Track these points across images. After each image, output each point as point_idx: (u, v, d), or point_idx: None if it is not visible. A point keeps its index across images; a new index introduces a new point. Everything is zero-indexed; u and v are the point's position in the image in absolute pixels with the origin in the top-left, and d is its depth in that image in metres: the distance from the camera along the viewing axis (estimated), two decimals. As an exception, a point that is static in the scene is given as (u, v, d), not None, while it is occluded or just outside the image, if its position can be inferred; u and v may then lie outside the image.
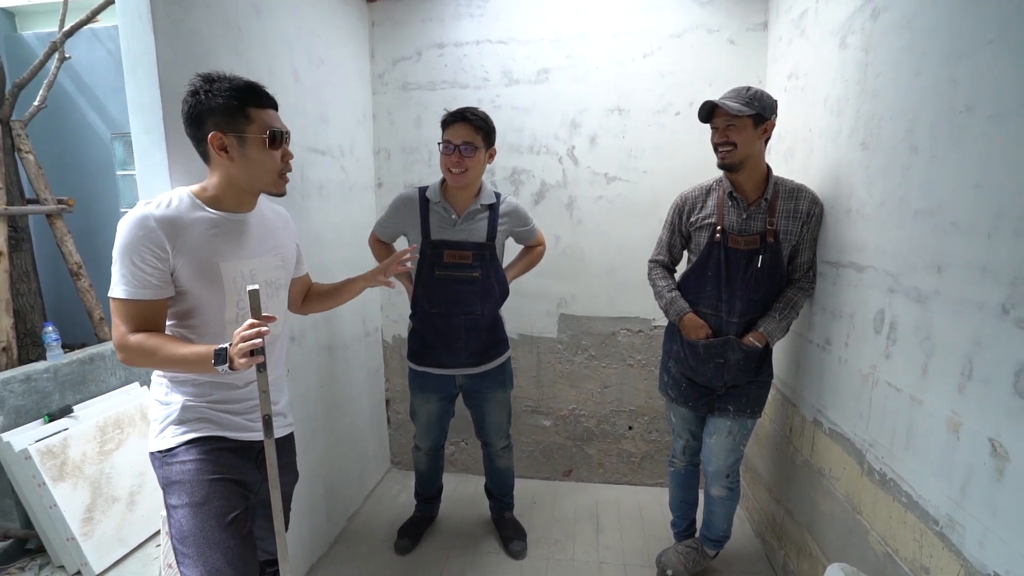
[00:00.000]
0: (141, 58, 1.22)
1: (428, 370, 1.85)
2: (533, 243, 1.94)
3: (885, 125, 1.25)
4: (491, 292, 1.78)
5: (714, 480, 1.69)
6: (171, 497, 1.07)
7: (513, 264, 1.95)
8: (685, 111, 2.24)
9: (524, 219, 1.86)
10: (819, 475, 1.55)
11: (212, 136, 1.05)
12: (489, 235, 1.75)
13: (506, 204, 1.81)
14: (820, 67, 1.64)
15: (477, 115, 1.67)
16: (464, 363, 1.81)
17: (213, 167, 1.11)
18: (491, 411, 1.93)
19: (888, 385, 1.21)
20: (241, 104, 1.07)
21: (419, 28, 2.38)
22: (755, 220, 1.57)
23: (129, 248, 1.01)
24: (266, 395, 1.02)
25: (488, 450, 2.04)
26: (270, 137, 1.09)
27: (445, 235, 1.76)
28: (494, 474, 2.09)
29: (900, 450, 1.15)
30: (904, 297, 1.16)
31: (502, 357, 1.88)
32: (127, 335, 1.02)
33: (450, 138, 1.66)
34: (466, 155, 1.65)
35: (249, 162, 1.09)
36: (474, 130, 1.65)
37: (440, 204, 1.76)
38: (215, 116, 1.05)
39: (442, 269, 1.76)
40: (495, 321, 1.84)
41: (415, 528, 2.13)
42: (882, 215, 1.25)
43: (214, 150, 1.07)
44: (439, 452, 2.09)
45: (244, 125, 1.07)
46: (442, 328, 1.79)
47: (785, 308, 1.58)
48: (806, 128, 1.74)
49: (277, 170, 1.14)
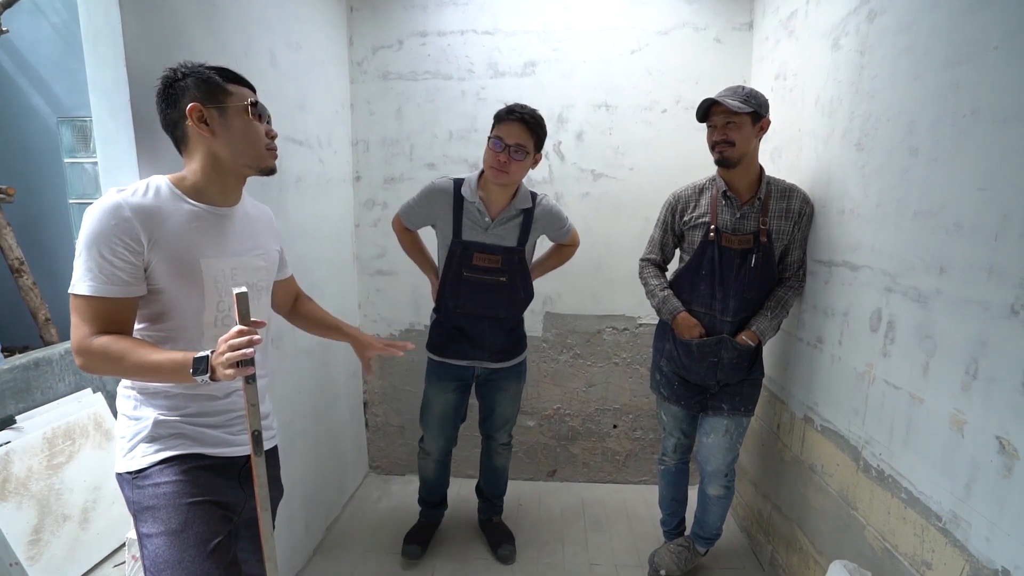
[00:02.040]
0: (104, 33, 1.09)
1: (448, 360, 1.83)
2: (566, 241, 1.87)
3: (882, 127, 1.27)
4: (516, 297, 1.77)
5: (712, 479, 1.69)
6: (144, 525, 0.97)
7: (540, 262, 1.91)
8: (672, 108, 2.24)
9: (559, 220, 1.80)
10: (810, 471, 1.57)
11: (191, 107, 0.96)
12: (520, 239, 1.72)
13: (541, 208, 1.75)
14: (810, 68, 1.66)
15: (536, 118, 1.60)
16: (486, 359, 1.81)
17: (192, 149, 1.01)
18: (501, 401, 1.90)
19: (886, 383, 1.23)
20: (220, 78, 1.00)
21: (401, 15, 2.28)
22: (748, 219, 1.57)
23: (98, 239, 0.90)
24: (255, 408, 0.92)
25: (489, 443, 2.00)
26: (251, 105, 1.02)
27: (476, 237, 1.69)
28: (489, 472, 2.04)
29: (899, 447, 1.17)
30: (903, 297, 1.17)
31: (522, 355, 1.88)
32: (89, 337, 0.91)
33: (503, 136, 1.57)
34: (515, 157, 1.57)
35: (232, 133, 1.00)
36: (529, 133, 1.58)
37: (475, 204, 1.67)
38: (194, 91, 0.98)
39: (470, 271, 1.70)
40: (520, 325, 1.86)
41: (423, 533, 2.06)
42: (878, 216, 1.27)
43: (194, 123, 0.97)
44: (447, 458, 2.01)
45: (223, 96, 1.00)
46: (466, 328, 1.77)
47: (776, 307, 1.60)
48: (795, 128, 1.76)
49: (263, 142, 1.05)
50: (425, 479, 2.04)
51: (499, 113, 1.61)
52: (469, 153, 2.34)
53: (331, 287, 2.24)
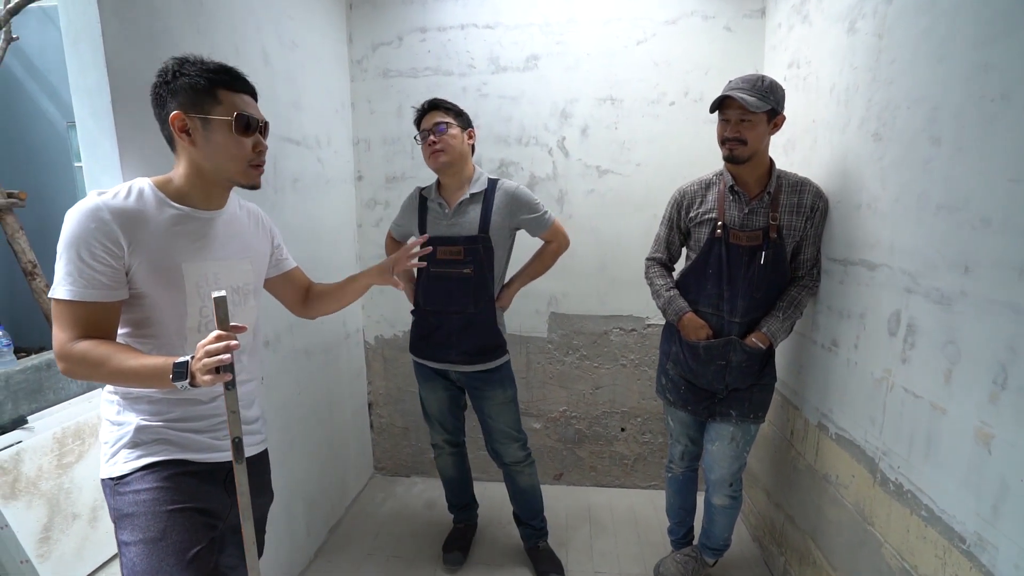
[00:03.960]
0: (83, 33, 1.07)
1: (424, 362, 1.79)
2: (547, 236, 1.73)
3: (901, 115, 1.18)
4: (485, 289, 1.66)
5: (716, 489, 1.62)
6: (123, 532, 0.95)
7: (522, 270, 1.79)
8: (680, 101, 2.15)
9: (528, 205, 1.67)
10: (824, 481, 1.49)
11: (173, 116, 0.94)
12: (482, 227, 1.63)
13: (502, 190, 1.67)
14: (825, 55, 1.56)
15: (444, 102, 1.64)
16: (456, 360, 1.71)
17: (178, 154, 1.00)
18: (492, 413, 1.77)
19: (905, 391, 1.14)
20: (210, 84, 0.96)
21: (400, 11, 2.24)
22: (757, 215, 1.49)
23: (77, 242, 0.88)
24: (235, 415, 0.89)
25: (505, 468, 1.85)
26: (236, 120, 0.97)
27: (438, 231, 1.66)
28: (516, 495, 1.88)
29: (919, 460, 1.09)
30: (923, 298, 1.09)
31: (498, 360, 1.73)
32: (70, 343, 0.89)
33: (424, 127, 1.62)
34: (440, 133, 1.58)
35: (213, 147, 0.97)
36: (444, 112, 1.61)
37: (435, 200, 1.68)
38: (179, 96, 0.94)
39: (436, 266, 1.66)
40: (492, 323, 1.70)
41: (461, 539, 2.00)
42: (897, 210, 1.18)
43: (176, 132, 0.95)
44: (460, 450, 1.95)
45: (210, 106, 0.96)
46: (436, 325, 1.71)
47: (789, 307, 1.51)
48: (808, 119, 1.66)
49: (246, 159, 1.01)
50: (445, 477, 2.00)
51: (415, 119, 1.67)
52: (471, 150, 2.29)
53: (333, 288, 2.22)
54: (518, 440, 1.81)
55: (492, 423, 1.79)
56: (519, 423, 1.82)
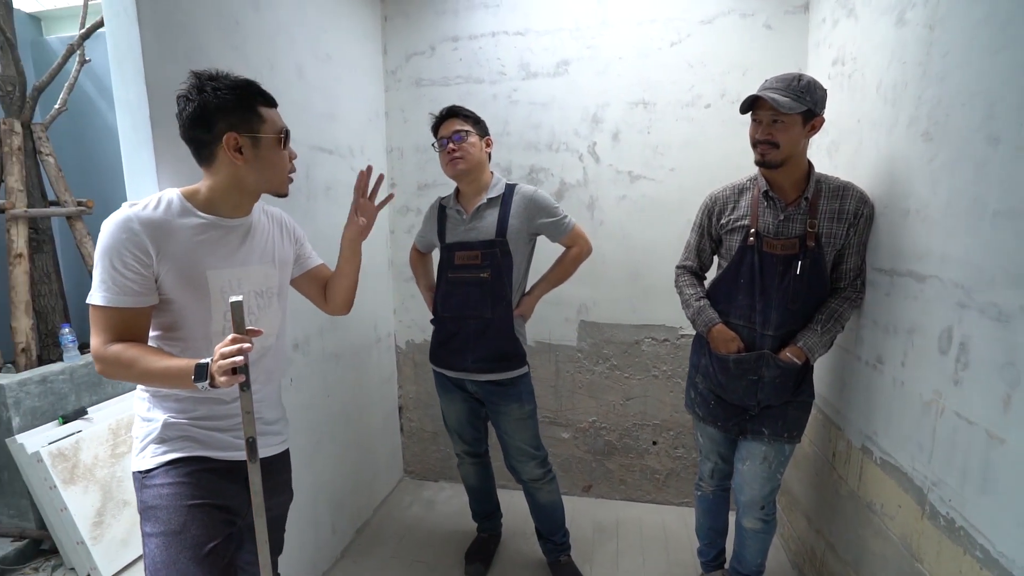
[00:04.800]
0: (127, 53, 1.15)
1: (441, 371, 1.78)
2: (567, 241, 1.70)
3: (954, 112, 1.07)
4: (503, 294, 1.64)
5: (747, 511, 1.52)
6: (146, 524, 1.00)
7: (543, 277, 1.77)
8: (716, 103, 2.07)
9: (546, 209, 1.65)
10: (868, 510, 1.37)
11: (228, 137, 0.99)
12: (499, 231, 1.62)
13: (519, 194, 1.66)
14: (871, 50, 1.46)
15: (462, 109, 1.65)
16: (470, 368, 1.68)
17: (216, 169, 1.03)
18: (509, 429, 1.73)
19: (957, 416, 1.03)
20: (253, 103, 1.02)
21: (432, 21, 2.28)
22: (794, 222, 1.40)
23: (110, 251, 0.94)
24: (250, 416, 0.93)
25: (524, 485, 1.82)
26: (284, 137, 1.06)
27: (456, 236, 1.68)
28: (537, 511, 1.85)
29: (973, 494, 0.98)
30: (978, 314, 0.98)
31: (515, 371, 1.69)
32: (105, 345, 0.96)
33: (442, 134, 1.63)
34: (459, 141, 1.59)
35: (262, 163, 1.04)
36: (462, 119, 1.62)
37: (453, 207, 1.70)
38: (229, 116, 0.99)
39: (454, 271, 1.67)
40: (510, 330, 1.67)
41: (484, 550, 1.99)
42: (949, 217, 1.08)
43: (229, 152, 1.00)
44: (482, 460, 1.94)
45: (258, 125, 1.03)
46: (453, 331, 1.70)
47: (828, 320, 1.41)
48: (854, 119, 1.55)
49: (287, 170, 1.11)
50: (467, 485, 2.00)
51: (432, 126, 1.68)
52: (500, 157, 2.30)
53: (366, 293, 2.27)
54: (535, 458, 1.77)
55: (508, 439, 1.76)
56: (537, 440, 1.78)
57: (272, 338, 1.18)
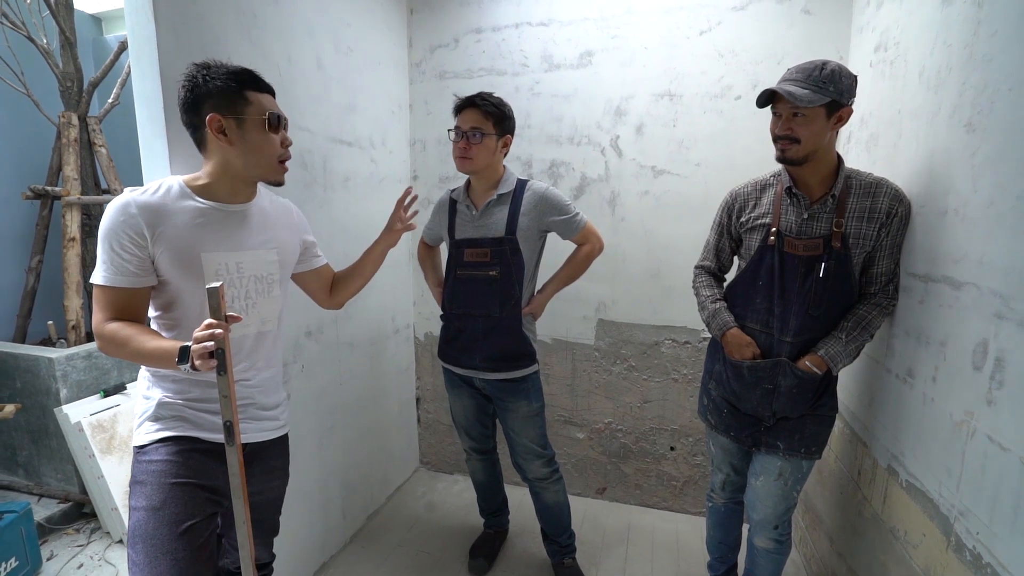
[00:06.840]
0: (144, 46, 1.20)
1: (450, 367, 1.77)
2: (579, 239, 1.66)
3: (1000, 99, 0.96)
4: (512, 293, 1.61)
5: (759, 530, 1.43)
6: (133, 497, 1.04)
7: (555, 275, 1.72)
8: (747, 95, 1.95)
9: (558, 207, 1.61)
10: (891, 535, 1.26)
11: (211, 118, 1.02)
12: (509, 228, 1.59)
13: (530, 191, 1.62)
14: (915, 32, 1.33)
15: (488, 100, 1.55)
16: (480, 366, 1.67)
17: (209, 153, 1.08)
18: (516, 427, 1.71)
19: (989, 440, 0.92)
20: (239, 86, 1.04)
21: (456, 13, 2.27)
22: (819, 220, 1.30)
23: (109, 234, 0.99)
24: (227, 400, 0.94)
25: (530, 484, 1.79)
26: (269, 119, 1.06)
27: (466, 233, 1.65)
28: (542, 510, 1.82)
29: (1003, 529, 0.88)
30: (1017, 327, 0.87)
31: (523, 371, 1.66)
32: (103, 323, 1.00)
33: (459, 124, 1.57)
34: (473, 142, 1.53)
35: (248, 145, 1.06)
36: (483, 116, 1.54)
37: (463, 202, 1.67)
38: (213, 99, 1.02)
39: (463, 268, 1.65)
40: (518, 329, 1.64)
41: (488, 546, 1.99)
42: (991, 217, 0.96)
43: (212, 133, 1.03)
44: (489, 457, 1.94)
45: (243, 107, 1.04)
46: (461, 329, 1.69)
47: (855, 328, 1.30)
48: (894, 110, 1.42)
49: (276, 155, 1.10)
50: (475, 481, 2.00)
51: (455, 106, 1.60)
52: (521, 150, 2.27)
53: (385, 285, 2.30)
54: (542, 456, 1.74)
55: (515, 437, 1.73)
56: (544, 439, 1.74)
57: (272, 324, 1.20)
